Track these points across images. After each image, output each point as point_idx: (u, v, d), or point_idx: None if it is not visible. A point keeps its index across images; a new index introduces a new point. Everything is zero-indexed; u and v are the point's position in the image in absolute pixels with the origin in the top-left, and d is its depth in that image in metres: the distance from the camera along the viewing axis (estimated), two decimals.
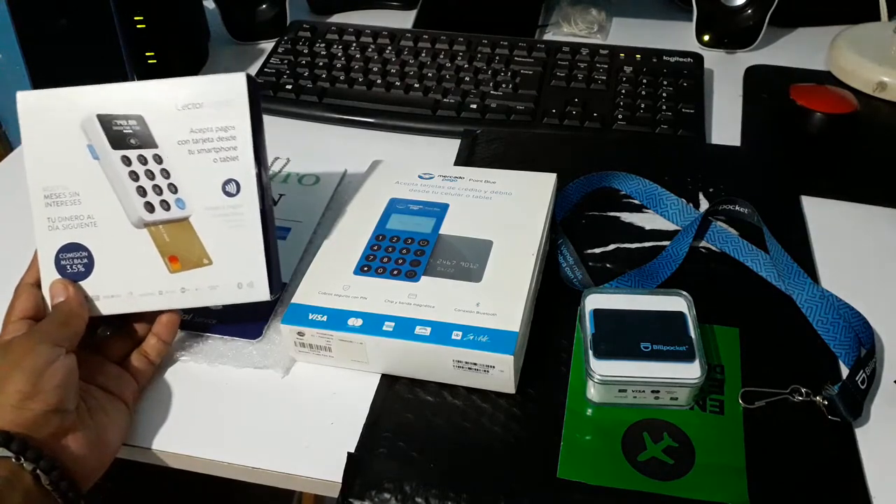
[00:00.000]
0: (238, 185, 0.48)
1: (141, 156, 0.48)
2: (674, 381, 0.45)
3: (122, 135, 0.48)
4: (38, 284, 0.49)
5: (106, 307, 0.49)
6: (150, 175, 0.48)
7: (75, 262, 0.48)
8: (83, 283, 0.48)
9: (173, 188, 0.48)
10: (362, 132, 0.73)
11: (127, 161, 0.48)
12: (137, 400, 0.49)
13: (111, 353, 0.50)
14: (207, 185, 0.48)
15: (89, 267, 0.48)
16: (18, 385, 0.41)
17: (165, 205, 0.48)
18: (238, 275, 0.49)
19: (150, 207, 0.48)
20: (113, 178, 0.48)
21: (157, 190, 0.48)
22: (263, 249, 0.49)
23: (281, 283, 0.50)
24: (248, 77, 0.48)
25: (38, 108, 0.48)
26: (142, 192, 0.48)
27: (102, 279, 0.49)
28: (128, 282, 0.49)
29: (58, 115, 0.48)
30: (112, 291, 0.49)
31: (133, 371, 0.49)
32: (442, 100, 0.73)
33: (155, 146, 0.48)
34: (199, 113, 0.48)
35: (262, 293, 0.49)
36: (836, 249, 0.59)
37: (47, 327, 0.45)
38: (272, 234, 0.50)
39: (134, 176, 0.48)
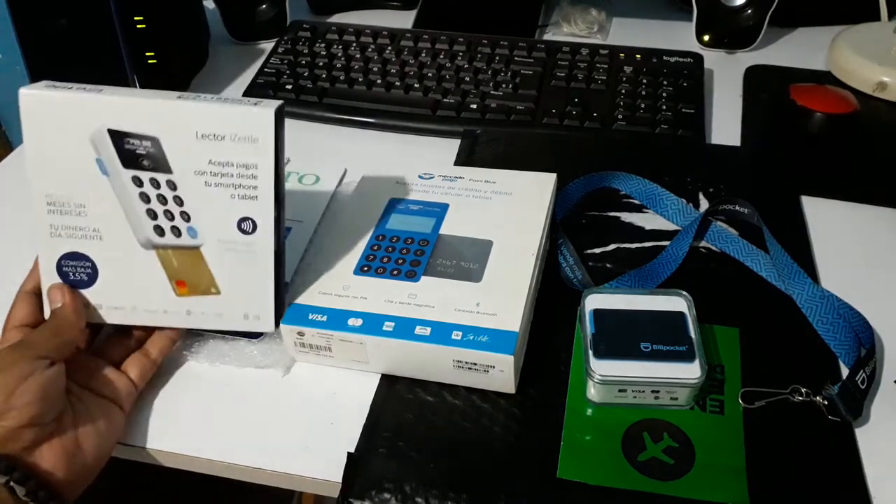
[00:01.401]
0: (255, 223, 0.46)
1: (154, 179, 0.45)
2: (674, 381, 0.45)
3: (134, 154, 0.45)
4: (36, 292, 0.48)
5: (110, 317, 0.48)
6: (163, 200, 0.46)
7: (78, 270, 0.47)
8: (86, 291, 0.47)
9: (186, 216, 0.46)
10: (362, 132, 0.73)
11: (138, 182, 0.45)
12: (134, 403, 0.49)
13: (110, 355, 0.49)
14: (223, 219, 0.46)
15: (93, 277, 0.47)
16: None
17: (177, 231, 0.46)
18: (245, 307, 0.48)
19: (160, 231, 0.46)
20: (122, 196, 0.46)
21: (169, 216, 0.46)
22: (273, 286, 0.48)
23: (283, 312, 0.49)
24: (277, 111, 0.44)
25: (43, 109, 0.44)
26: (152, 215, 0.46)
27: (107, 290, 0.47)
28: (133, 296, 0.48)
29: (65, 120, 0.44)
30: (116, 303, 0.48)
31: (131, 373, 0.48)
32: (442, 100, 0.73)
33: (169, 171, 0.45)
34: (219, 145, 0.44)
35: (267, 325, 0.49)
36: (836, 249, 0.59)
37: (36, 338, 0.44)
38: (283, 269, 0.49)
39: (145, 198, 0.46)
